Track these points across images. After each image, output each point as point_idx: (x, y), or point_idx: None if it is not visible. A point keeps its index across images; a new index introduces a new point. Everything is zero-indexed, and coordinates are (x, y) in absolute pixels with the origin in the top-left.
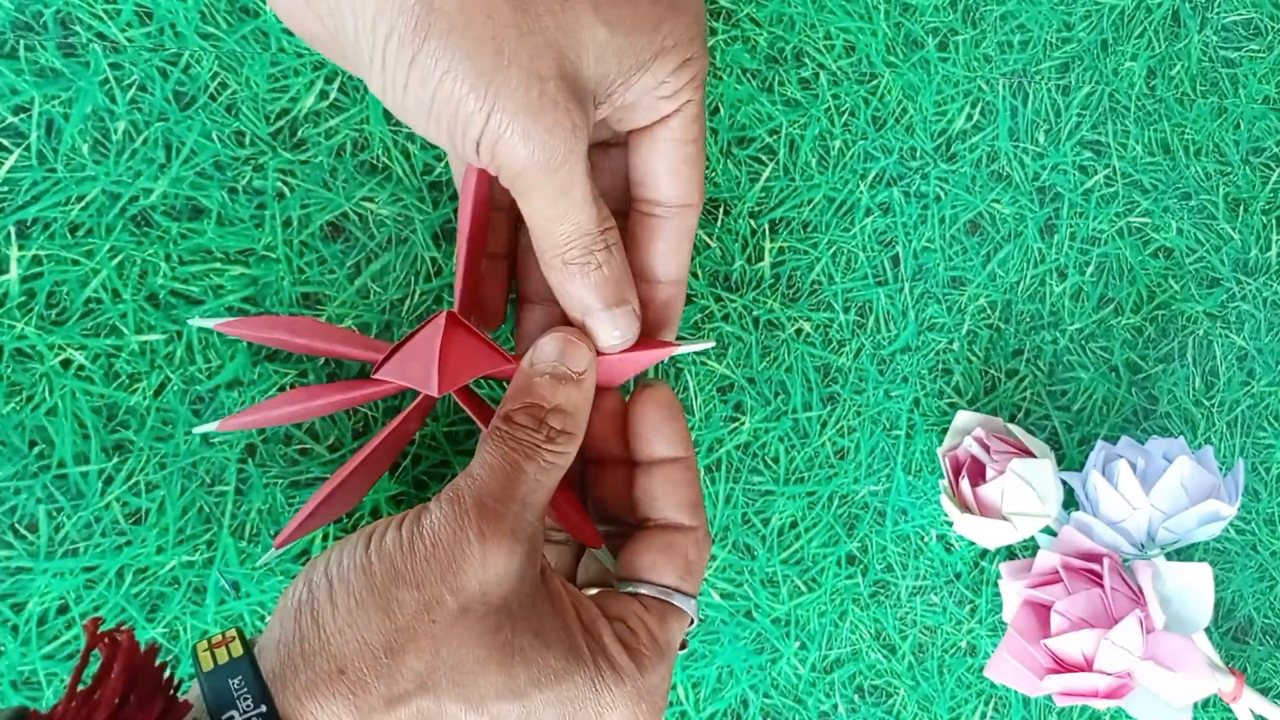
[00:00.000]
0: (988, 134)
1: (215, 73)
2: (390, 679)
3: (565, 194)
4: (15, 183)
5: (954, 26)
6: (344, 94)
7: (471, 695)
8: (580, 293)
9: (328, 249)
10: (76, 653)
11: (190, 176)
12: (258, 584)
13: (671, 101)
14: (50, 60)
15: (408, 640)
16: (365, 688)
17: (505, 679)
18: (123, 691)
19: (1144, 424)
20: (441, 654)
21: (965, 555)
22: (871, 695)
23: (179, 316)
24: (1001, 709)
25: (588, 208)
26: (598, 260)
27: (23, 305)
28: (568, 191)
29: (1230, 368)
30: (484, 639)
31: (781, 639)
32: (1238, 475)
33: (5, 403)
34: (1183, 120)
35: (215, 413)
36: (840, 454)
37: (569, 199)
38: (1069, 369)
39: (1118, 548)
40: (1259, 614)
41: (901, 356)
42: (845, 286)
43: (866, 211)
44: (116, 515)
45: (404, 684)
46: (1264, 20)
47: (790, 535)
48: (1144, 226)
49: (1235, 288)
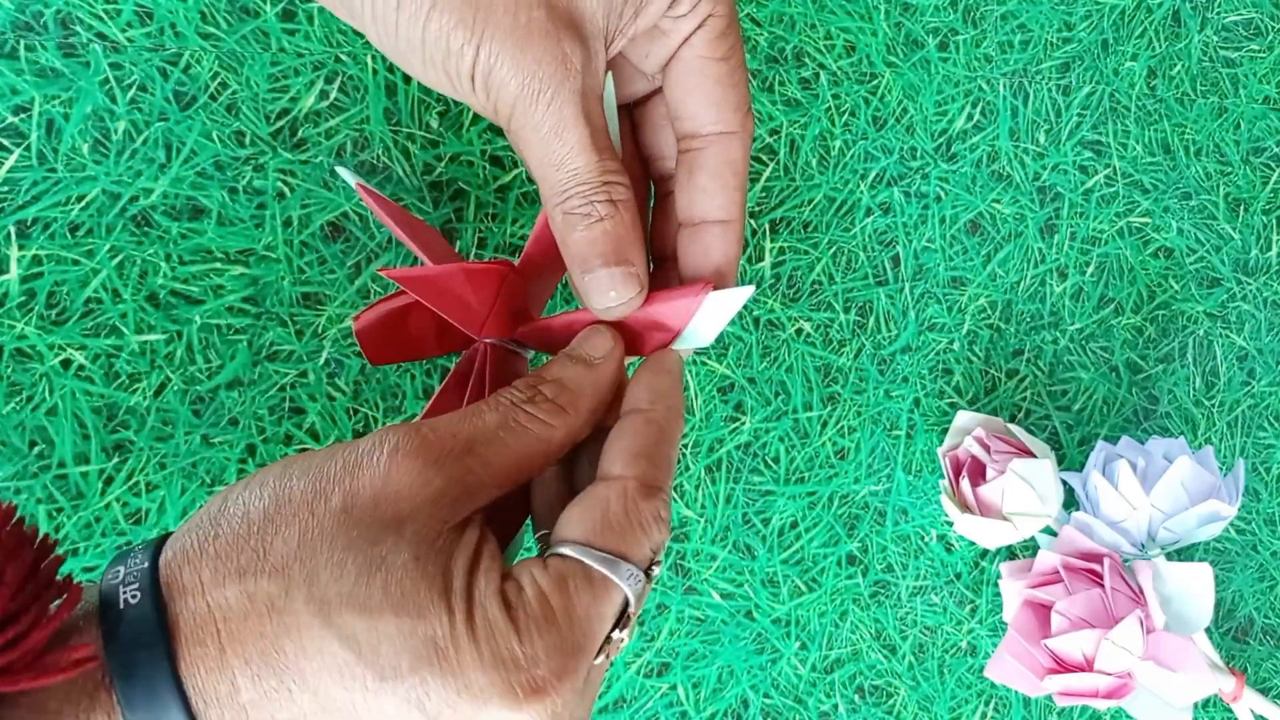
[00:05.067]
0: (988, 134)
1: (215, 73)
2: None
3: (558, 135)
4: (15, 183)
5: (954, 26)
6: (344, 94)
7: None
8: (578, 245)
9: (328, 249)
10: None
11: (190, 176)
12: None
13: (691, 18)
14: (50, 60)
15: (283, 523)
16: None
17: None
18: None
19: (1144, 424)
20: (307, 544)
21: (965, 555)
22: (872, 695)
23: (179, 316)
24: (1001, 709)
25: (584, 153)
26: (599, 212)
27: (23, 305)
28: (560, 132)
29: (1230, 368)
30: (355, 545)
31: (782, 639)
32: (1238, 475)
33: (5, 403)
34: (1183, 120)
35: (215, 412)
36: (841, 454)
37: (562, 141)
38: (1069, 369)
39: (1118, 548)
40: (1259, 614)
41: (902, 356)
42: (845, 286)
43: (867, 211)
44: (116, 515)
45: (262, 563)
46: (1264, 20)
47: (791, 535)
48: (1144, 226)
49: (1235, 288)
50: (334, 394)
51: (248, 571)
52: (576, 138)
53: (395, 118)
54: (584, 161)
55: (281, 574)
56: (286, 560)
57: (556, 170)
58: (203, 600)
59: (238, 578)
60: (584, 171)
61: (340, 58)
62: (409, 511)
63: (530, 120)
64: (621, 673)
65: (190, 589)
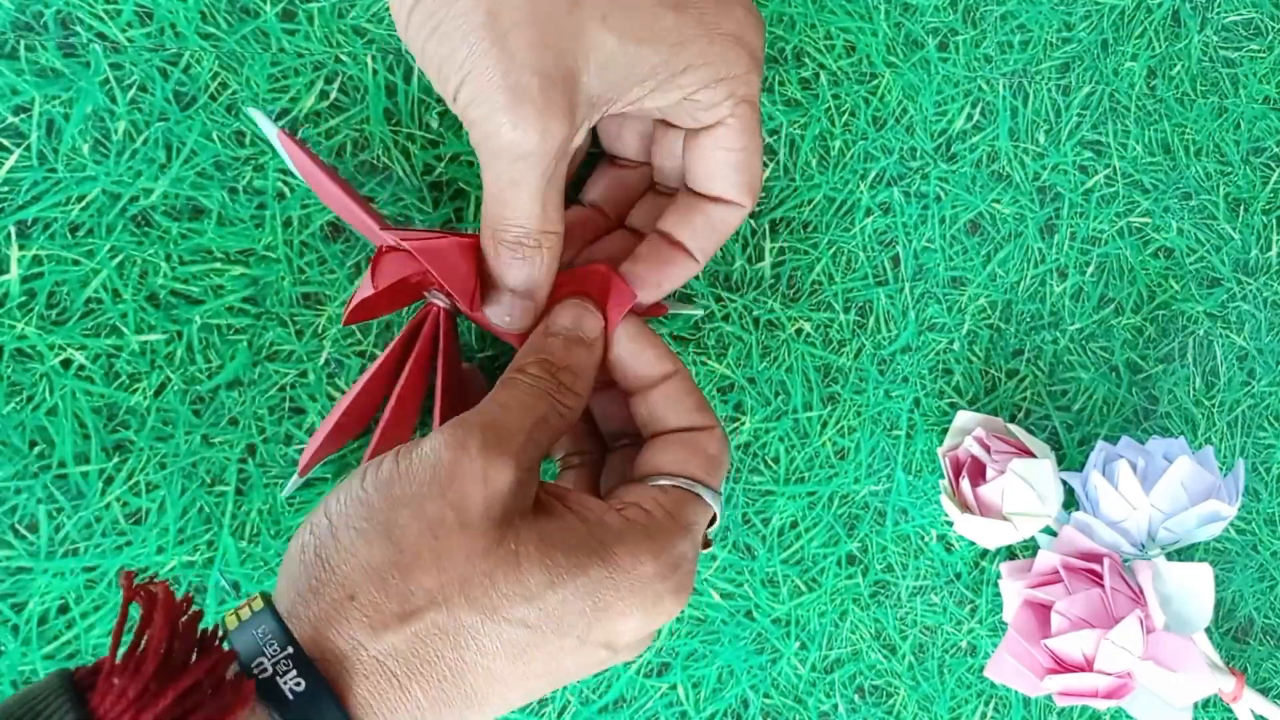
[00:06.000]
0: (988, 134)
1: (215, 73)
2: (401, 597)
3: (514, 186)
4: (15, 183)
5: (954, 26)
6: (344, 94)
7: (485, 604)
8: (499, 268)
9: (328, 249)
10: (77, 652)
11: (190, 176)
12: (258, 584)
13: (711, 114)
14: (51, 60)
15: (412, 560)
16: (376, 607)
17: (514, 585)
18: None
19: (1144, 424)
20: (448, 569)
21: (965, 555)
22: (872, 695)
23: (179, 316)
24: (1001, 709)
25: (531, 206)
26: (525, 254)
27: (23, 305)
28: (517, 184)
29: (1231, 368)
30: (489, 551)
31: (782, 639)
32: (1238, 475)
33: (5, 403)
34: (1183, 120)
35: (215, 412)
36: (840, 454)
37: (515, 191)
38: (1069, 369)
39: (1118, 548)
40: (1259, 614)
41: (902, 356)
42: (845, 286)
43: (866, 211)
44: (116, 515)
45: (415, 600)
46: (1264, 20)
47: (790, 535)
48: (1144, 226)
49: (1236, 288)
50: (334, 394)
51: (406, 615)
52: (528, 193)
53: (395, 118)
54: (526, 214)
55: (439, 604)
56: (436, 591)
57: (502, 207)
58: (369, 657)
59: (398, 623)
60: (525, 219)
61: (340, 58)
62: (513, 505)
63: (492, 163)
64: (621, 673)
65: (349, 653)
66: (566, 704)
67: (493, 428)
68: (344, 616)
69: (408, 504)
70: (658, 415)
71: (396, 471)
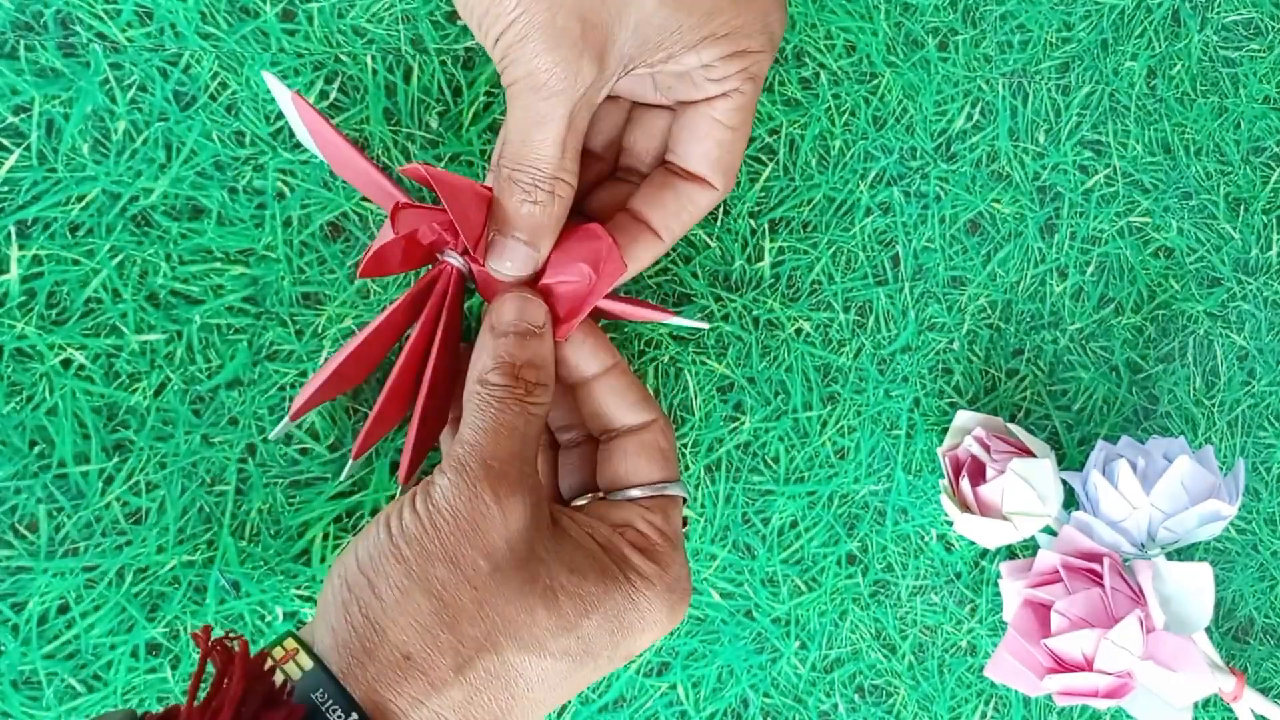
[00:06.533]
0: (988, 134)
1: (215, 73)
2: (453, 650)
3: (539, 125)
4: (15, 183)
5: (954, 26)
6: (344, 94)
7: (530, 642)
8: (508, 209)
9: (327, 249)
10: (77, 652)
11: (190, 176)
12: (258, 583)
13: (718, 85)
14: (50, 60)
15: (457, 612)
16: (433, 664)
17: (555, 618)
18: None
19: (1144, 424)
20: (491, 615)
21: (965, 555)
22: (871, 695)
23: (179, 316)
24: (1001, 709)
25: (553, 147)
26: (538, 197)
27: (23, 305)
28: (542, 124)
29: (1231, 367)
30: (525, 589)
31: (781, 639)
32: (1238, 475)
33: (5, 403)
34: (1183, 120)
35: (215, 412)
36: (840, 454)
37: (541, 130)
38: (1069, 369)
39: (1118, 547)
40: (1259, 614)
41: (901, 356)
42: (845, 286)
43: (866, 211)
44: (116, 515)
45: (466, 651)
46: (1264, 20)
47: (790, 535)
48: (1144, 226)
49: (1236, 287)
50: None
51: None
52: (554, 133)
53: (395, 118)
54: (549, 153)
55: (488, 650)
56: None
57: (523, 145)
58: (430, 712)
59: (456, 674)
60: (544, 161)
61: (340, 58)
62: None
63: (523, 100)
64: (621, 672)
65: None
66: (567, 704)
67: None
68: (403, 677)
69: (441, 559)
70: (604, 411)
71: (421, 523)
